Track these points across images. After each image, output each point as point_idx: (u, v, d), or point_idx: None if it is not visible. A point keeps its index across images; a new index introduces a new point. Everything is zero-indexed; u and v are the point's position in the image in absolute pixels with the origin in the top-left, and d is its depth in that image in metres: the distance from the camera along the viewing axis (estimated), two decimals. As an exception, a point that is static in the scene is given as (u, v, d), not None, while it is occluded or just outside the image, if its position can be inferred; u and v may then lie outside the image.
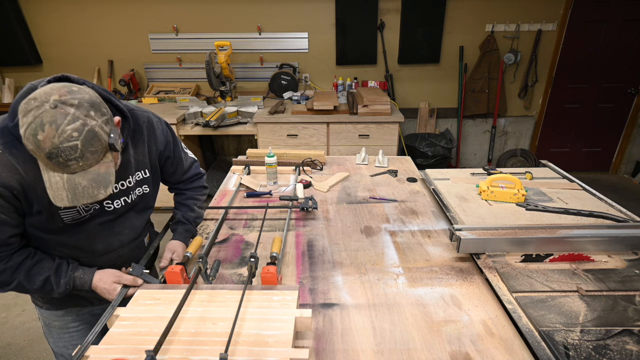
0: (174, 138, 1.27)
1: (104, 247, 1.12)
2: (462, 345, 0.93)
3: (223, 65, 3.38)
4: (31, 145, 0.79)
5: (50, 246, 1.05)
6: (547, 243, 1.21)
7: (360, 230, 1.47)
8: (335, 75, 3.84)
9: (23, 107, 0.79)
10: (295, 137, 3.20)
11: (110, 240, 1.13)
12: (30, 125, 0.77)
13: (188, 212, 1.35)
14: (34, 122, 0.77)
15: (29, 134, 0.78)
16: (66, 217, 1.00)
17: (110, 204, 1.08)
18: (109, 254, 1.14)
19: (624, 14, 3.61)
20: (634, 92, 3.91)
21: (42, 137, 0.77)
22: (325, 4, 3.58)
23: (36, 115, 0.77)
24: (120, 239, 1.16)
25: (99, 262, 1.12)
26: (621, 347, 0.88)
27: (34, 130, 0.77)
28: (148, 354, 0.73)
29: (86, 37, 3.70)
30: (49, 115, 0.78)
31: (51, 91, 0.80)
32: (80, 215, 1.02)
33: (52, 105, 0.78)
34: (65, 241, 1.05)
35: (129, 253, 1.20)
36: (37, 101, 0.78)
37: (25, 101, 0.79)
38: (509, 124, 4.08)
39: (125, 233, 1.17)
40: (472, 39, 3.73)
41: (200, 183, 1.40)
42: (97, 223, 1.07)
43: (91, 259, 1.11)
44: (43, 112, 0.77)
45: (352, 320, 1.02)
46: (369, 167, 2.11)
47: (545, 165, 1.95)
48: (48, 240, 1.03)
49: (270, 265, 1.05)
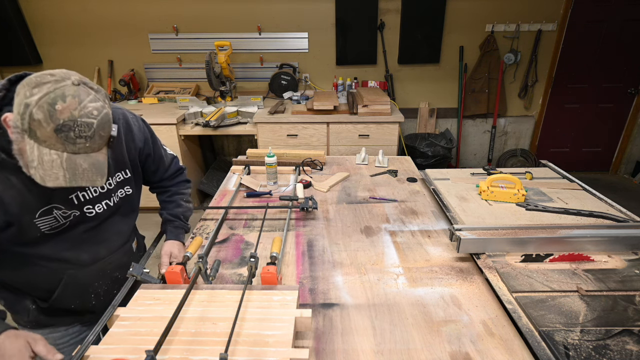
0: (152, 135, 1.21)
1: (91, 256, 1.06)
2: (462, 345, 0.93)
3: (223, 65, 3.38)
4: (41, 114, 0.74)
5: (33, 261, 0.98)
6: (547, 243, 1.21)
7: (360, 230, 1.47)
8: (335, 75, 3.84)
9: (32, 81, 0.75)
10: (295, 137, 3.20)
11: (96, 248, 1.07)
12: (48, 95, 0.75)
13: (175, 209, 1.30)
14: (53, 92, 0.75)
15: (44, 102, 0.74)
16: (43, 226, 0.93)
17: (91, 209, 1.02)
18: (96, 263, 1.08)
19: (624, 14, 3.60)
20: (634, 92, 3.91)
21: (60, 107, 0.75)
22: (325, 4, 3.58)
23: (56, 87, 0.76)
24: (107, 246, 1.10)
25: (88, 272, 1.07)
26: (621, 347, 0.88)
27: (52, 100, 0.75)
28: (148, 354, 0.73)
29: (86, 37, 3.70)
30: (72, 90, 0.77)
31: (66, 72, 0.79)
32: (59, 223, 0.96)
33: (75, 82, 0.78)
34: (48, 253, 0.98)
35: (118, 260, 1.14)
36: (56, 77, 0.77)
37: (35, 77, 0.76)
38: (509, 124, 4.08)
39: (112, 240, 1.11)
40: (472, 39, 3.73)
41: (183, 177, 1.36)
42: (81, 231, 1.02)
43: (78, 270, 1.05)
44: (64, 85, 0.76)
45: (352, 320, 1.02)
46: (369, 167, 2.11)
47: (545, 165, 1.95)
48: (29, 254, 0.96)
49: (270, 265, 1.05)
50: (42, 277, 1.02)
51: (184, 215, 1.32)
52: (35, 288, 1.05)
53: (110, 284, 1.14)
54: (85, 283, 1.08)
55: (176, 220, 1.29)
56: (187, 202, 1.35)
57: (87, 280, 1.08)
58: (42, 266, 0.99)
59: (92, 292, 1.11)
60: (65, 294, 1.06)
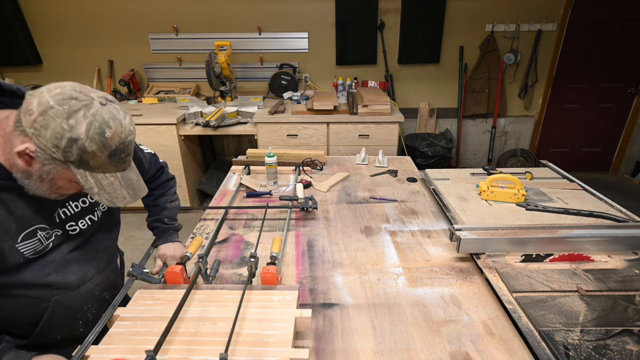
0: None
1: (79, 278, 0.96)
2: (462, 345, 0.93)
3: (223, 65, 3.38)
4: (95, 145, 0.74)
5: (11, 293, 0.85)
6: (547, 243, 1.21)
7: (360, 230, 1.47)
8: (335, 75, 3.84)
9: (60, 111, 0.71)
10: (295, 137, 3.20)
11: (85, 268, 0.98)
12: (93, 124, 0.73)
13: (160, 212, 1.25)
14: (95, 120, 0.73)
15: (93, 133, 0.73)
16: (27, 250, 0.84)
17: (74, 226, 0.94)
18: (85, 284, 0.98)
19: (624, 14, 3.60)
20: (634, 92, 3.91)
21: (110, 134, 0.75)
22: (325, 4, 3.57)
23: (92, 113, 0.73)
24: (95, 265, 1.01)
25: (76, 295, 0.97)
26: (621, 347, 0.88)
27: (100, 129, 0.74)
28: (148, 354, 0.73)
29: (86, 37, 3.70)
30: (107, 112, 0.75)
31: (79, 88, 0.75)
32: (42, 245, 0.87)
33: (102, 101, 0.76)
34: (31, 280, 0.86)
35: (106, 280, 1.06)
36: (79, 101, 0.73)
37: (58, 104, 0.71)
38: (509, 124, 4.08)
39: (99, 257, 1.03)
40: (472, 39, 3.73)
41: (165, 177, 1.28)
42: (66, 251, 0.93)
43: (65, 294, 0.94)
44: (98, 109, 0.74)
45: (352, 320, 1.02)
46: (369, 167, 2.11)
47: (545, 165, 1.95)
48: (8, 284, 0.84)
49: (270, 265, 1.05)
50: (22, 309, 0.89)
51: (169, 217, 1.27)
52: (13, 324, 0.91)
53: (98, 307, 1.04)
54: (74, 309, 0.98)
55: (161, 225, 1.25)
56: (172, 202, 1.29)
57: (75, 305, 0.98)
58: (22, 297, 0.88)
59: (81, 318, 1.01)
60: (50, 325, 0.94)
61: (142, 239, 3.14)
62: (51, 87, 0.75)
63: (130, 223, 3.30)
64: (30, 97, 0.74)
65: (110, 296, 1.07)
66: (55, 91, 0.73)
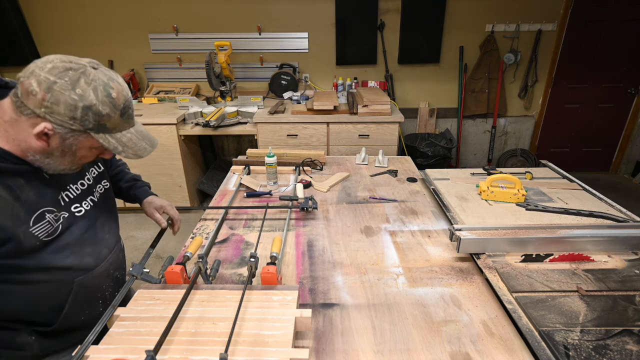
0: None
1: (94, 258, 1.01)
2: (462, 345, 0.93)
3: (223, 65, 3.38)
4: (108, 107, 0.79)
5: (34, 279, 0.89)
6: (547, 243, 1.21)
7: (360, 230, 1.47)
8: (335, 75, 3.84)
9: (65, 84, 0.73)
10: (295, 137, 3.20)
11: (98, 249, 1.03)
12: (98, 89, 0.77)
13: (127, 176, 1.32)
14: (97, 84, 0.77)
15: (102, 96, 0.78)
16: (40, 232, 0.87)
17: (79, 207, 0.98)
18: (100, 264, 1.03)
19: (624, 14, 3.61)
20: (634, 92, 3.91)
21: (115, 93, 0.79)
22: (325, 4, 3.58)
23: (93, 79, 0.77)
24: (106, 245, 1.07)
25: (95, 275, 1.01)
26: (621, 347, 0.88)
27: (105, 90, 0.78)
28: (148, 354, 0.73)
29: (86, 37, 3.70)
30: (102, 74, 0.79)
31: (67, 59, 0.77)
32: (53, 227, 0.90)
33: (93, 66, 0.79)
34: (51, 263, 0.90)
35: (116, 259, 1.11)
36: (75, 70, 0.75)
37: (59, 76, 0.73)
38: (509, 124, 4.08)
39: (107, 238, 1.08)
40: (472, 39, 3.73)
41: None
42: (77, 234, 0.96)
43: (85, 275, 0.99)
44: (94, 74, 0.78)
45: (352, 320, 1.02)
46: (369, 167, 2.11)
47: (545, 165, 1.95)
48: (31, 269, 0.88)
49: (270, 265, 1.05)
50: (47, 296, 0.94)
51: (139, 178, 1.34)
52: (38, 312, 0.95)
53: (113, 285, 1.11)
54: (94, 288, 1.03)
55: (137, 182, 1.31)
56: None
57: (95, 285, 1.03)
58: (46, 282, 0.92)
59: (100, 298, 1.06)
60: (75, 306, 0.99)
61: (142, 239, 3.14)
62: (39, 64, 0.76)
63: (130, 223, 3.30)
64: (24, 79, 0.75)
65: (122, 275, 1.15)
66: (47, 66, 0.75)
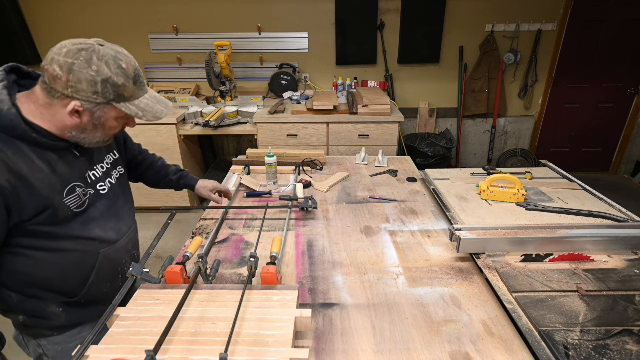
0: None
1: (116, 233, 1.11)
2: (462, 345, 0.93)
3: (223, 65, 3.38)
4: (122, 78, 0.87)
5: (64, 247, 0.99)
6: (547, 243, 1.21)
7: (360, 230, 1.47)
8: (335, 75, 3.84)
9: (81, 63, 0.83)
10: (295, 137, 3.20)
11: (119, 225, 1.13)
12: (109, 62, 0.85)
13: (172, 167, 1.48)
14: (107, 57, 0.85)
15: (115, 68, 0.86)
16: (72, 204, 0.97)
17: (103, 186, 1.08)
18: (121, 240, 1.14)
19: (624, 14, 3.61)
20: (634, 92, 3.91)
21: (125, 64, 0.88)
22: (325, 4, 3.58)
23: (102, 55, 0.85)
24: (125, 223, 1.17)
25: (118, 249, 1.12)
26: (621, 347, 0.88)
27: (116, 63, 0.86)
28: (148, 354, 0.73)
29: (86, 37, 3.65)
30: (109, 49, 0.87)
31: (77, 41, 0.86)
32: (81, 201, 0.99)
33: (100, 43, 0.88)
34: (80, 234, 1.01)
35: (133, 237, 1.22)
36: (86, 50, 0.84)
37: (75, 56, 0.83)
38: (509, 124, 4.08)
39: (127, 217, 1.18)
40: (472, 39, 3.73)
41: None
42: (101, 209, 1.06)
43: (109, 248, 1.09)
44: (102, 50, 0.86)
45: (352, 320, 1.02)
46: (369, 167, 2.11)
47: (545, 165, 1.95)
48: (62, 237, 0.97)
49: (270, 265, 1.05)
50: (76, 265, 1.03)
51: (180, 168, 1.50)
52: (65, 282, 1.04)
53: (130, 262, 1.19)
54: (116, 262, 1.13)
55: (184, 171, 1.48)
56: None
57: (117, 259, 1.13)
58: (75, 251, 1.01)
59: (120, 272, 1.15)
60: (99, 278, 1.08)
61: (142, 238, 3.12)
62: (56, 51, 0.85)
63: (130, 223, 3.29)
64: (48, 66, 0.85)
65: (137, 254, 1.27)
66: (63, 51, 0.84)
